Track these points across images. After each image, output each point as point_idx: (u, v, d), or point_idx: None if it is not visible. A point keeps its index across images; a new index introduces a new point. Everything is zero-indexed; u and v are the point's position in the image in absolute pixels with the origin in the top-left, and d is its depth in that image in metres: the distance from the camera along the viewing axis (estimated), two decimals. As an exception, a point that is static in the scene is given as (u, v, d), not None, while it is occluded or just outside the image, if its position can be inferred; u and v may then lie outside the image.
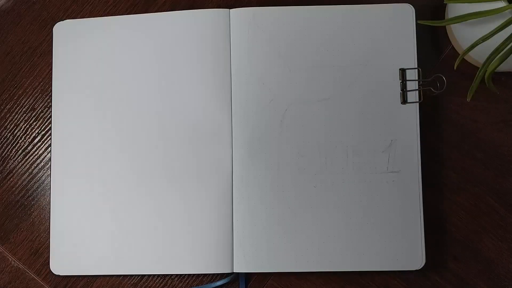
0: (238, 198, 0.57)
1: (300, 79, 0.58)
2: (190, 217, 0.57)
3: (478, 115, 0.60)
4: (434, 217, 0.59)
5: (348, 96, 0.57)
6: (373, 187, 0.56)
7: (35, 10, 0.64)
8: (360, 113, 0.57)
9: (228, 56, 0.58)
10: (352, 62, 0.58)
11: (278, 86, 0.58)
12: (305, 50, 0.58)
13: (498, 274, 0.58)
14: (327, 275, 0.59)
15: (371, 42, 0.58)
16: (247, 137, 0.57)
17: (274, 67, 0.58)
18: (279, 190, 0.57)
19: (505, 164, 0.59)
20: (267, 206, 0.56)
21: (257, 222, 0.56)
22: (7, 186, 0.62)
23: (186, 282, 0.60)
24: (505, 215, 0.59)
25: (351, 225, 0.56)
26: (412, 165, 0.57)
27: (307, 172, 0.57)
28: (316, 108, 0.57)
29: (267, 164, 0.57)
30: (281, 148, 0.57)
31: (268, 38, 0.58)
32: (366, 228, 0.56)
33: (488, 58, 0.52)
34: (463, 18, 0.52)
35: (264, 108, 0.58)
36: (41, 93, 0.63)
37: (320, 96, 0.58)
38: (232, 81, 0.58)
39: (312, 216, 0.56)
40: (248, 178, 0.57)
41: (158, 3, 0.64)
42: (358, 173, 0.57)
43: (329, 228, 0.56)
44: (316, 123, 0.57)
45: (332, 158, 0.57)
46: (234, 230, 0.57)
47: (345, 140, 0.57)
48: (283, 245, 0.56)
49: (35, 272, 0.61)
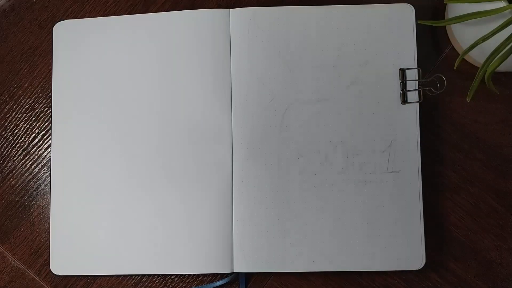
0: (238, 198, 0.57)
1: (300, 79, 0.58)
2: (190, 217, 0.57)
3: (478, 115, 0.60)
4: (434, 217, 0.59)
5: (348, 96, 0.57)
6: (373, 187, 0.56)
7: (35, 10, 0.64)
8: (360, 113, 0.57)
9: (228, 56, 0.58)
10: (352, 62, 0.58)
11: (278, 86, 0.58)
12: (305, 50, 0.58)
13: (498, 274, 0.58)
14: (327, 275, 0.59)
15: (371, 42, 0.58)
16: (247, 137, 0.57)
17: (274, 67, 0.58)
18: (279, 190, 0.57)
19: (505, 164, 0.59)
20: (267, 206, 0.56)
21: (257, 222, 0.56)
22: (7, 186, 0.62)
23: (186, 282, 0.60)
24: (505, 215, 0.59)
25: (351, 225, 0.56)
26: (412, 165, 0.57)
27: (307, 172, 0.57)
28: (316, 108, 0.57)
29: (267, 164, 0.57)
30: (281, 148, 0.57)
31: (268, 38, 0.58)
32: (366, 228, 0.56)
33: (488, 58, 0.52)
34: (463, 18, 0.52)
35: (264, 108, 0.58)
36: (41, 93, 0.63)
37: (320, 96, 0.58)
38: (232, 81, 0.58)
39: (312, 216, 0.56)
40: (248, 178, 0.57)
41: (158, 3, 0.64)
42: (358, 173, 0.57)
43: (329, 228, 0.56)
44: (316, 123, 0.57)
45: (332, 158, 0.57)
46: (234, 230, 0.57)
47: (345, 140, 0.57)
48: (283, 245, 0.56)
49: (35, 272, 0.61)
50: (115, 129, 0.59)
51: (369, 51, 0.58)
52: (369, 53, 0.58)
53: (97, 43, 0.60)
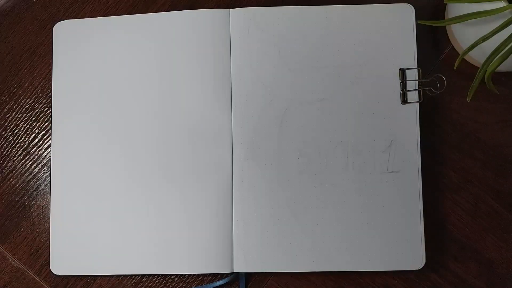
0: (238, 198, 0.57)
1: (300, 79, 0.58)
2: (190, 217, 0.57)
3: (478, 115, 0.60)
4: (434, 217, 0.59)
5: (348, 96, 0.57)
6: (373, 187, 0.56)
7: (35, 10, 0.64)
8: (360, 113, 0.57)
9: (228, 56, 0.58)
10: (352, 62, 0.58)
11: (278, 86, 0.58)
12: (305, 50, 0.58)
13: (498, 274, 0.58)
14: (327, 275, 0.59)
15: (371, 42, 0.58)
16: (247, 137, 0.57)
17: (274, 67, 0.58)
18: (279, 190, 0.57)
19: (505, 164, 0.59)
20: (267, 206, 0.56)
21: (257, 222, 0.56)
22: (7, 186, 0.62)
23: (186, 282, 0.60)
24: (505, 215, 0.59)
25: (351, 225, 0.56)
26: (412, 165, 0.57)
27: (307, 172, 0.57)
28: (316, 108, 0.57)
29: (267, 164, 0.57)
30: (281, 148, 0.57)
31: (268, 38, 0.58)
32: (366, 228, 0.56)
33: (488, 58, 0.52)
34: (463, 18, 0.52)
35: (264, 108, 0.58)
36: (41, 93, 0.63)
37: (320, 96, 0.57)
38: (232, 81, 0.58)
39: (312, 216, 0.56)
40: (248, 178, 0.57)
41: (158, 3, 0.64)
42: (358, 173, 0.57)
43: (329, 228, 0.56)
44: (316, 123, 0.57)
45: (332, 158, 0.57)
46: (234, 230, 0.57)
47: (345, 140, 0.57)
48: (283, 245, 0.56)
49: (35, 272, 0.61)
50: (115, 129, 0.59)
51: (369, 51, 0.58)
52: (369, 53, 0.58)
53: (97, 43, 0.60)
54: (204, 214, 0.57)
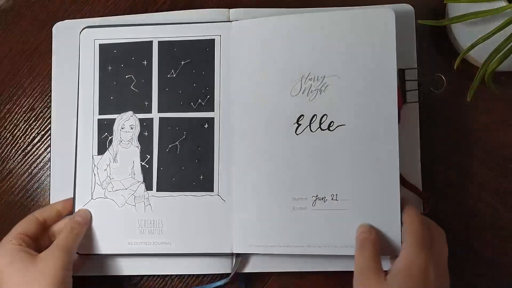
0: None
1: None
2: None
3: (478, 115, 0.60)
4: (434, 218, 0.59)
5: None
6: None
7: (35, 10, 0.64)
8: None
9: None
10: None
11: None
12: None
13: (498, 274, 0.58)
14: (327, 275, 0.58)
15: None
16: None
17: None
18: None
19: (505, 164, 0.59)
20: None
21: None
22: (7, 186, 0.62)
23: (186, 282, 0.60)
24: (505, 215, 0.59)
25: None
26: (412, 165, 0.57)
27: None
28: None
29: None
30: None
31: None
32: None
33: (488, 58, 0.52)
34: (463, 18, 0.53)
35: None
36: (40, 93, 0.63)
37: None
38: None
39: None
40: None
41: (157, 3, 0.64)
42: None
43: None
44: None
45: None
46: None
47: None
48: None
49: (35, 272, 0.60)
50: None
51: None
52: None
53: (97, 43, 0.60)
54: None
